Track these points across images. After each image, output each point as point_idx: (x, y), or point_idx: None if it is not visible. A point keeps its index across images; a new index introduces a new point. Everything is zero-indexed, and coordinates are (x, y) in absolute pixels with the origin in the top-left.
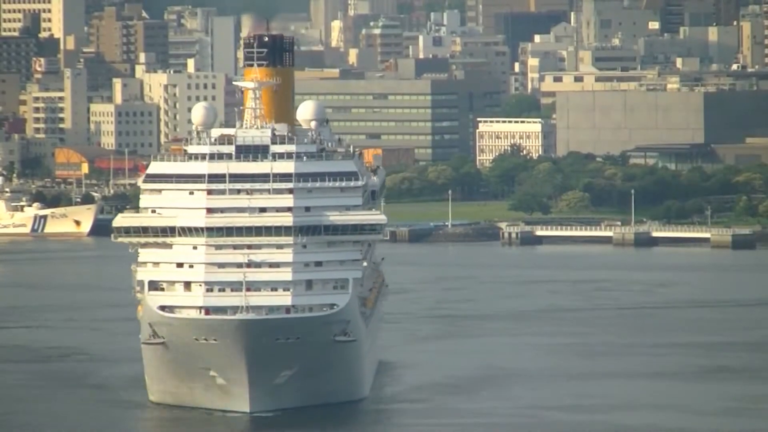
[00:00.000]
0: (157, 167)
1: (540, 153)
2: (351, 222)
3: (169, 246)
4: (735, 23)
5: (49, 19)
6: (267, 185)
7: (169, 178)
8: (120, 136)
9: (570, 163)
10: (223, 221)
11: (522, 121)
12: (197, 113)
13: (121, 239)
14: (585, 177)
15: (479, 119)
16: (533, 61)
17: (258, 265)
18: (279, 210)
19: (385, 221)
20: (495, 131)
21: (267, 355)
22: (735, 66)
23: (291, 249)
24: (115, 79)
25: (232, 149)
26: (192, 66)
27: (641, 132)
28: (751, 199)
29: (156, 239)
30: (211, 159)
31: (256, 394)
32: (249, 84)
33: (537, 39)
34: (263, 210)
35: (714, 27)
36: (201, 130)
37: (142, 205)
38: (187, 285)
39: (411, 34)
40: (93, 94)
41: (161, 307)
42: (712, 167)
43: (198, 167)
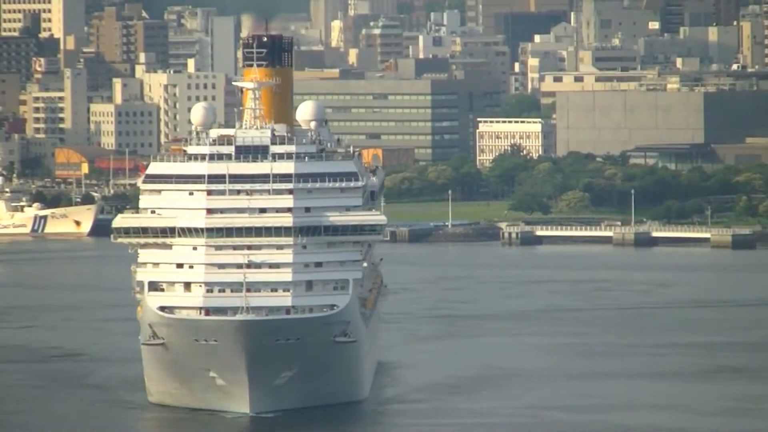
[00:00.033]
0: (157, 168)
1: (540, 153)
2: (351, 222)
3: (169, 247)
4: (735, 23)
5: (49, 19)
6: (267, 186)
7: (169, 178)
8: (120, 136)
9: (570, 163)
10: (223, 222)
11: (522, 121)
12: (196, 113)
13: (121, 240)
14: (585, 177)
15: (479, 119)
16: (533, 61)
17: (258, 266)
18: (279, 211)
19: (386, 222)
20: (495, 131)
21: (267, 356)
22: (735, 66)
23: (291, 250)
24: (115, 79)
25: (231, 150)
26: (192, 66)
27: (641, 132)
28: (751, 199)
29: (156, 240)
30: (211, 159)
31: (256, 394)
32: (249, 84)
33: (537, 39)
34: (263, 211)
35: (714, 27)
36: (200, 130)
37: (141, 206)
38: (187, 286)
39: (411, 34)
40: (93, 94)
41: (161, 308)
42: (712, 167)
43: (198, 168)
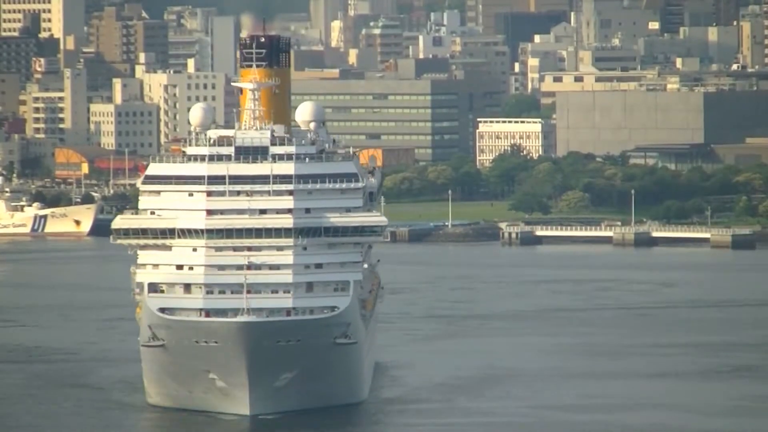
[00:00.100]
0: (156, 169)
1: (540, 153)
2: (352, 224)
3: (169, 248)
4: (735, 23)
5: (49, 19)
6: (267, 187)
7: (169, 179)
8: (120, 136)
9: (570, 163)
10: (223, 223)
11: (522, 121)
12: (195, 114)
13: (120, 241)
14: (585, 177)
15: (479, 119)
16: (533, 61)
17: (258, 267)
18: (279, 212)
19: (386, 223)
20: (495, 131)
21: (267, 358)
22: (735, 66)
23: (291, 251)
24: (115, 79)
25: (231, 150)
26: (192, 66)
27: (641, 132)
28: (751, 199)
29: (155, 241)
30: (211, 160)
31: (256, 396)
32: (248, 85)
33: (537, 39)
34: (263, 212)
35: (714, 27)
36: (199, 131)
37: (141, 207)
38: (187, 287)
39: (411, 34)
40: (93, 94)
41: (161, 310)
42: (712, 167)
43: (197, 169)
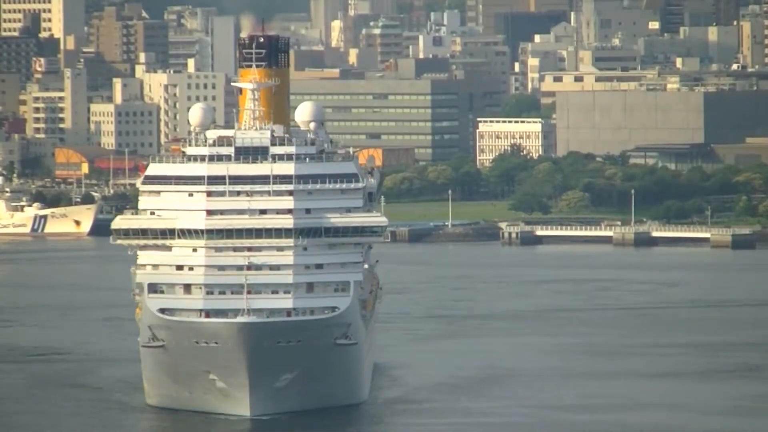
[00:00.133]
0: (156, 169)
1: (540, 153)
2: (352, 224)
3: (169, 248)
4: (735, 23)
5: (49, 19)
6: (267, 187)
7: (168, 179)
8: (120, 136)
9: (570, 163)
10: (223, 223)
11: (522, 121)
12: (195, 114)
13: (120, 241)
14: (585, 177)
15: (479, 119)
16: (533, 61)
17: (258, 268)
18: (279, 212)
19: (387, 223)
20: (495, 131)
21: (268, 359)
22: (735, 66)
23: (291, 251)
24: (115, 79)
25: (231, 151)
26: (192, 66)
27: (641, 132)
28: (751, 199)
29: (155, 241)
30: (211, 161)
31: (256, 397)
32: (248, 85)
33: (537, 39)
34: (263, 212)
35: (714, 27)
36: (198, 131)
37: (140, 207)
38: (187, 288)
39: (411, 34)
40: (93, 94)
41: (161, 310)
42: (712, 167)
43: (197, 169)
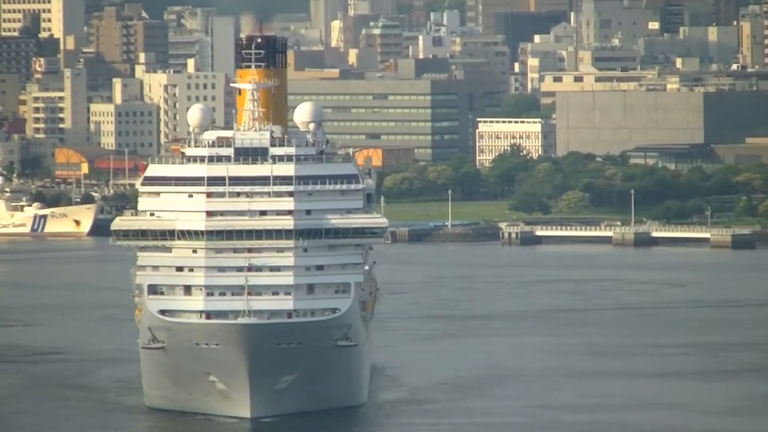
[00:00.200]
0: (156, 170)
1: (540, 153)
2: (352, 225)
3: (169, 249)
4: (735, 23)
5: (49, 19)
6: (267, 188)
7: (168, 180)
8: (120, 136)
9: (570, 163)
10: (223, 224)
11: (522, 121)
12: (193, 115)
13: (120, 242)
14: (585, 177)
15: (479, 119)
16: (533, 61)
17: (259, 269)
18: (279, 213)
19: (387, 224)
20: (495, 131)
21: (268, 360)
22: (735, 66)
23: (292, 252)
24: (115, 79)
25: (230, 152)
26: (192, 66)
27: (641, 132)
28: (751, 199)
29: (155, 243)
30: (210, 161)
31: (256, 399)
32: (247, 85)
33: (537, 39)
34: (263, 213)
35: (714, 27)
36: (197, 132)
37: (140, 208)
38: (187, 289)
39: (411, 34)
40: (93, 94)
41: (161, 311)
42: (712, 167)
43: (197, 170)
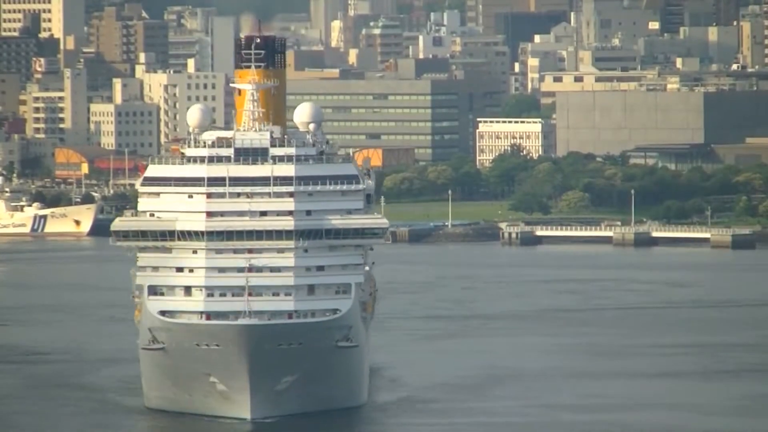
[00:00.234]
0: (156, 170)
1: (540, 153)
2: (353, 226)
3: (169, 250)
4: (735, 23)
5: (49, 19)
6: (267, 188)
7: (168, 181)
8: (120, 136)
9: (570, 163)
10: (224, 225)
11: (522, 121)
12: (193, 115)
13: (120, 243)
14: (585, 177)
15: (479, 119)
16: (533, 61)
17: (259, 270)
18: (280, 213)
19: (387, 225)
20: (495, 131)
21: (269, 361)
22: (735, 66)
23: (292, 253)
24: (115, 79)
25: (230, 152)
26: (192, 66)
27: (641, 132)
28: (751, 199)
29: (155, 243)
30: (210, 162)
31: (257, 400)
32: (247, 86)
33: (537, 39)
34: (264, 213)
35: (714, 27)
36: (197, 132)
37: (140, 209)
38: (188, 290)
39: (411, 34)
40: (93, 94)
41: (161, 312)
42: (712, 167)
43: (197, 170)
